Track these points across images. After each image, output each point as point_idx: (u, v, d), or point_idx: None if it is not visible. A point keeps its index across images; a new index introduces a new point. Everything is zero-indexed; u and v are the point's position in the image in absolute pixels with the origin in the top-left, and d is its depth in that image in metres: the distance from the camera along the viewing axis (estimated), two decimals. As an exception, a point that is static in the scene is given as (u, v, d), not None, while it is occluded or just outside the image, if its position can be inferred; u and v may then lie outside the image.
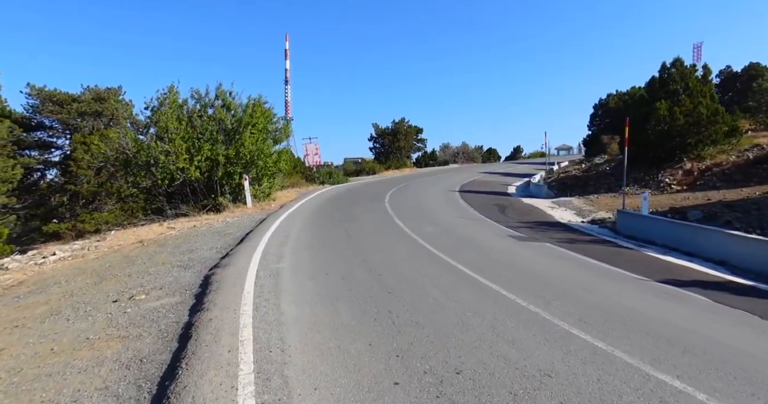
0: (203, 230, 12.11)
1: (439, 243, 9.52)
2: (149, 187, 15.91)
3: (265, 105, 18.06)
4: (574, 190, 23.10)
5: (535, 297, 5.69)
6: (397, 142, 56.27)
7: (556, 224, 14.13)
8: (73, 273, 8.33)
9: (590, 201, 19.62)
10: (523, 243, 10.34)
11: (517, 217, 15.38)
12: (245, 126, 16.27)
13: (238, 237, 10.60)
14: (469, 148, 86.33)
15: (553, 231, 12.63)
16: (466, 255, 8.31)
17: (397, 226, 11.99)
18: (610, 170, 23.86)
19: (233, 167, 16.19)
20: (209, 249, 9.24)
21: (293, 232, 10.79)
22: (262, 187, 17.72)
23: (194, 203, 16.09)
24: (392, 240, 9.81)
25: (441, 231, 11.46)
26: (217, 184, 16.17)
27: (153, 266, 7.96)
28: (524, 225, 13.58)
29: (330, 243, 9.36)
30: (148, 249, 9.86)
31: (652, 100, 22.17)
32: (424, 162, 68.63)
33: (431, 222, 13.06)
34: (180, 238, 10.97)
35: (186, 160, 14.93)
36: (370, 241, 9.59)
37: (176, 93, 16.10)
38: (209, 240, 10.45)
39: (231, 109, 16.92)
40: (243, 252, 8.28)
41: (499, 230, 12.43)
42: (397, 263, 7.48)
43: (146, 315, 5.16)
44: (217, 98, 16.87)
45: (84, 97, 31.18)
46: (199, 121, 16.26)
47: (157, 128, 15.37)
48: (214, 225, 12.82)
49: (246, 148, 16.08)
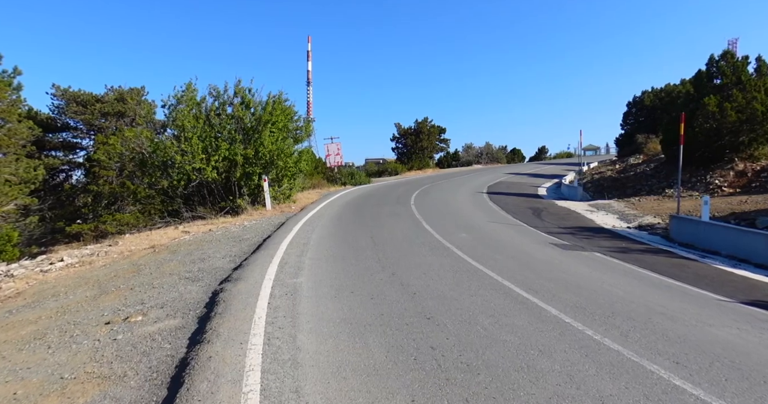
0: (219, 235, 11.34)
1: (475, 252, 8.48)
2: (166, 188, 15.31)
3: (286, 102, 17.29)
4: (611, 192, 21.66)
5: (607, 327, 4.62)
6: (420, 142, 55.14)
7: (599, 230, 12.90)
8: (75, 283, 7.61)
9: (632, 204, 18.22)
10: (570, 253, 9.20)
11: (555, 222, 14.18)
12: (264, 124, 15.50)
13: (255, 243, 9.76)
14: (493, 149, 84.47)
15: (599, 238, 11.43)
16: (508, 268, 7.26)
17: (426, 232, 10.98)
18: (650, 171, 22.31)
19: (252, 167, 15.45)
20: (222, 257, 8.41)
21: (313, 239, 9.90)
22: (282, 188, 16.94)
23: (212, 205, 15.41)
24: (423, 249, 8.81)
25: (475, 238, 10.41)
26: (235, 186, 15.45)
27: (159, 277, 7.16)
28: (565, 231, 12.40)
29: (354, 252, 8.42)
30: (159, 257, 9.11)
31: (699, 96, 20.57)
32: (446, 162, 67.29)
33: (463, 228, 12.00)
34: (193, 244, 10.20)
35: (203, 160, 14.24)
36: (398, 250, 8.61)
37: (194, 90, 15.46)
38: (224, 246, 9.64)
39: (250, 106, 16.19)
40: (258, 262, 7.40)
41: (539, 237, 11.29)
42: (432, 278, 6.48)
43: (138, 344, 4.30)
44: (236, 95, 16.16)
45: (107, 97, 31.18)
46: (217, 119, 15.58)
47: (173, 127, 14.74)
48: (231, 230, 12.04)
49: (265, 147, 15.31)
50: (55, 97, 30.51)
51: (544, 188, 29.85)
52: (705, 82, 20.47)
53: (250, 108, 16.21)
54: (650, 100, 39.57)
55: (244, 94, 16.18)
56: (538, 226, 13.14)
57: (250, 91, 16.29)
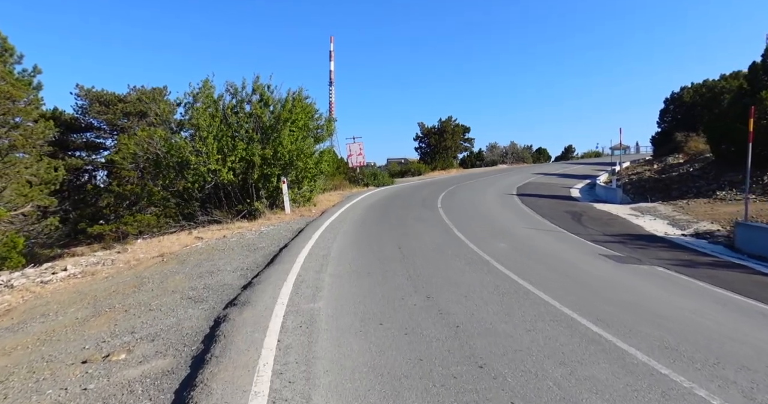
0: (233, 242, 10.48)
1: (519, 267, 7.35)
2: (181, 190, 14.60)
3: (306, 100, 16.40)
4: (654, 194, 20.08)
5: (720, 383, 3.48)
6: (444, 141, 53.80)
7: (651, 238, 11.56)
8: (70, 299, 6.81)
9: (680, 208, 16.68)
10: (627, 268, 7.98)
11: (598, 228, 12.88)
12: (284, 123, 14.62)
13: (270, 253, 8.84)
14: (518, 148, 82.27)
15: (654, 248, 10.12)
16: (563, 288, 6.12)
17: (459, 241, 9.88)
18: (697, 171, 20.61)
19: (270, 169, 14.60)
20: (233, 270, 7.51)
21: (335, 249, 8.92)
22: (302, 190, 16.05)
23: (228, 209, 14.62)
24: (459, 262, 7.72)
25: (514, 247, 9.26)
26: (253, 188, 14.63)
27: (160, 295, 6.29)
28: (612, 239, 11.12)
29: (380, 266, 7.39)
30: (166, 268, 8.28)
31: (754, 90, 18.83)
32: (469, 162, 65.65)
33: (499, 235, 10.86)
34: (204, 253, 9.35)
35: (218, 161, 13.45)
36: (430, 264, 7.55)
37: (211, 87, 14.71)
38: (236, 256, 8.76)
39: (269, 104, 15.35)
40: (271, 279, 6.45)
41: (585, 246, 10.07)
42: (476, 303, 5.40)
43: (111, 398, 3.37)
44: (255, 92, 15.35)
45: (130, 97, 31.02)
46: (234, 117, 14.78)
47: (188, 126, 14.02)
48: (246, 236, 11.18)
49: (285, 147, 14.43)
50: (79, 97, 30.50)
51: (577, 189, 28.31)
52: (761, 75, 18.72)
53: (269, 105, 15.38)
54: (690, 97, 37.34)
55: (263, 91, 15.36)
56: (581, 233, 11.89)
57: (269, 88, 15.47)
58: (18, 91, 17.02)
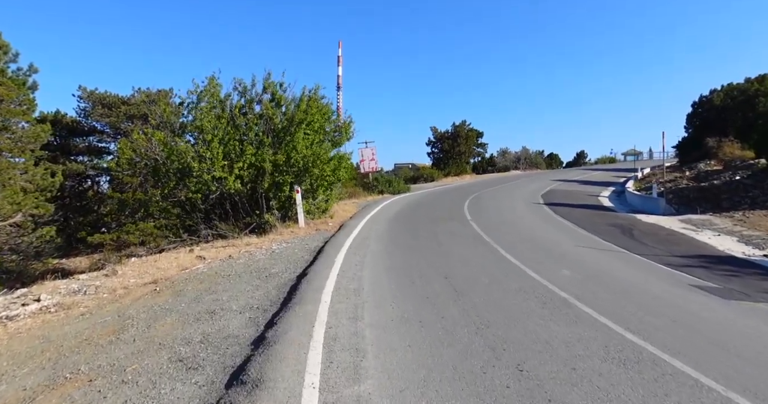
0: (240, 265, 8.85)
1: (612, 310, 5.63)
2: (183, 200, 13.03)
3: (322, 100, 14.82)
4: (701, 204, 18.24)
5: None
6: (458, 146, 52.13)
7: (732, 260, 9.79)
8: (28, 351, 5.19)
9: (740, 221, 14.86)
10: (739, 307, 6.24)
11: (662, 247, 11.11)
12: (298, 125, 13.03)
13: (286, 283, 7.19)
14: (530, 153, 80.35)
15: (748, 275, 8.36)
16: (693, 347, 4.40)
17: (512, 266, 8.18)
18: (748, 180, 18.75)
19: (282, 176, 12.99)
20: (240, 310, 5.86)
21: (366, 281, 7.23)
22: (317, 200, 14.41)
23: (234, 221, 13.02)
24: (531, 303, 6.02)
25: (584, 277, 7.53)
26: (263, 198, 13.01)
27: (142, 353, 4.66)
28: (688, 262, 9.37)
29: (433, 311, 5.67)
30: (157, 302, 6.65)
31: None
32: (482, 168, 63.86)
33: (553, 257, 9.15)
34: (206, 281, 7.72)
35: (224, 168, 11.86)
36: (496, 308, 5.84)
37: (217, 85, 13.15)
38: (244, 287, 7.12)
39: (281, 104, 13.78)
40: (291, 333, 4.77)
41: (663, 272, 8.34)
42: (597, 385, 3.71)
43: None
44: (265, 91, 13.78)
45: (134, 99, 29.67)
46: (242, 119, 13.22)
47: (190, 128, 12.48)
48: (256, 257, 9.55)
49: (299, 152, 12.83)
50: (81, 99, 29.23)
51: (606, 198, 26.52)
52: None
53: (281, 106, 13.81)
54: (720, 100, 35.37)
55: (275, 90, 13.79)
56: (645, 254, 10.15)
57: (281, 86, 13.90)
58: (7, 90, 15.61)
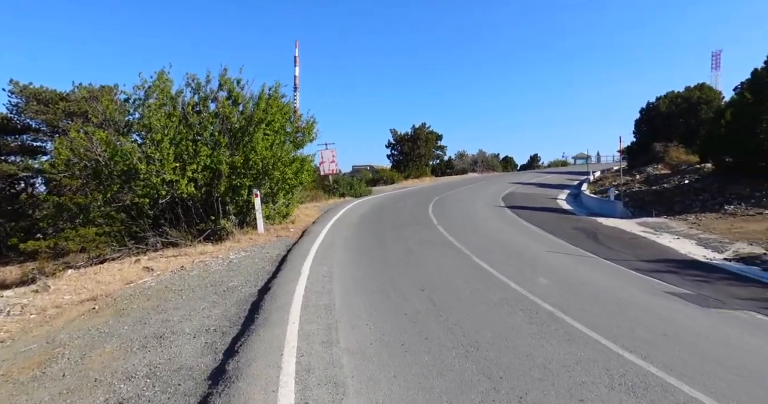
0: (194, 277, 8.00)
1: (603, 325, 5.32)
2: (129, 205, 11.90)
3: (283, 99, 14.04)
4: (655, 207, 18.79)
5: None
6: (417, 148, 52.17)
7: (698, 265, 9.87)
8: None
9: (694, 224, 15.33)
10: (718, 315, 6.14)
11: (627, 251, 11.15)
12: (257, 124, 12.21)
13: (247, 299, 6.48)
14: (487, 156, 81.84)
15: (717, 280, 8.38)
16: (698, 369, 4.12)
17: (489, 276, 7.82)
18: (698, 184, 19.53)
19: (240, 179, 12.13)
20: (194, 334, 5.12)
21: (337, 295, 6.62)
22: (277, 204, 13.60)
23: (187, 228, 12.03)
24: (516, 317, 5.63)
25: (562, 286, 7.26)
26: (219, 202, 12.09)
27: (71, 392, 3.87)
28: (656, 267, 9.37)
29: (416, 331, 5.09)
30: (95, 324, 5.77)
31: (758, 100, 17.91)
32: (440, 170, 64.28)
33: (527, 264, 8.89)
34: (154, 298, 6.86)
35: (175, 171, 10.89)
36: (482, 325, 5.39)
37: (167, 81, 12.11)
38: (199, 304, 6.33)
39: (239, 102, 12.90)
40: (257, 365, 4.10)
41: (636, 279, 8.23)
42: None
43: None
44: (221, 88, 12.86)
45: (74, 95, 27.52)
46: (196, 117, 12.24)
47: (137, 127, 11.40)
48: (211, 268, 8.71)
49: (258, 153, 12.02)
50: (13, 94, 26.76)
51: (564, 201, 27.04)
52: (766, 83, 17.81)
53: (238, 104, 12.94)
54: (666, 106, 37.17)
55: (232, 87, 12.89)
56: (614, 258, 10.11)
57: (238, 83, 13.01)
58: None
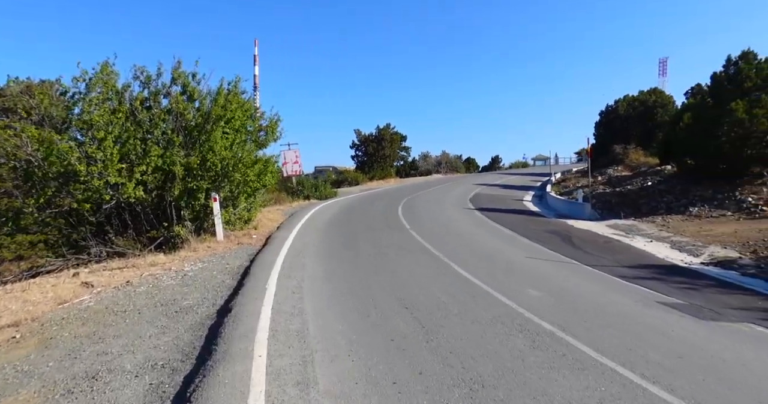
0: (141, 294, 6.97)
1: (602, 341, 4.80)
2: (68, 211, 10.56)
3: (243, 95, 13.03)
4: (622, 208, 18.92)
5: None
6: (382, 149, 51.57)
7: (679, 270, 9.65)
8: None
9: (663, 226, 15.40)
10: (718, 329, 5.76)
11: (606, 256, 10.88)
12: (215, 122, 11.17)
13: (203, 322, 5.56)
14: (450, 157, 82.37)
15: (703, 288, 8.11)
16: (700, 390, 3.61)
17: (474, 287, 7.21)
18: (662, 186, 19.83)
19: (197, 182, 11.05)
20: (137, 372, 4.20)
21: (309, 314, 5.81)
22: (238, 209, 12.55)
23: (136, 235, 10.83)
24: (517, 339, 5.02)
25: (553, 297, 6.74)
26: (172, 207, 10.95)
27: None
28: (638, 273, 9.08)
29: (405, 362, 4.35)
30: (10, 360, 4.73)
31: (717, 102, 18.34)
32: (404, 171, 63.97)
33: (510, 272, 8.36)
34: (91, 321, 5.82)
35: (122, 173, 9.72)
36: (480, 353, 4.75)
37: (112, 73, 10.86)
38: (145, 330, 5.37)
39: (195, 97, 11.79)
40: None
41: (622, 287, 7.85)
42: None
43: None
44: (175, 82, 11.69)
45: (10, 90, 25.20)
46: (145, 114, 11.05)
47: (77, 124, 10.11)
48: (163, 282, 7.68)
49: (216, 153, 10.98)
50: (-63, 88, 24.23)
51: (530, 202, 27.11)
52: (725, 87, 18.26)
53: (194, 100, 11.82)
54: (624, 109, 38.22)
55: (186, 81, 11.76)
56: (595, 264, 9.76)
57: (194, 77, 11.89)
58: None
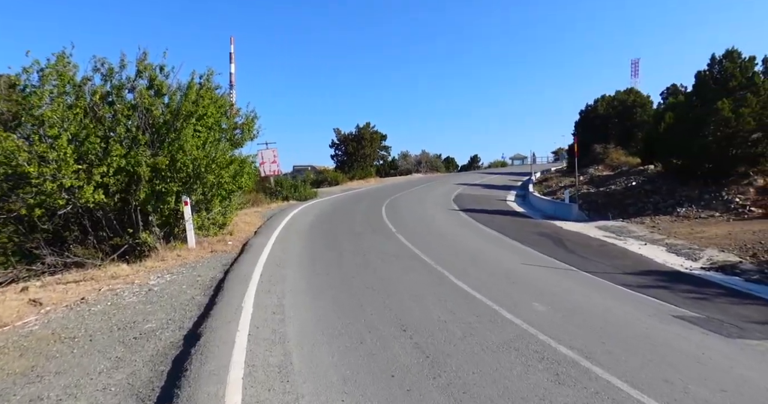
0: (96, 314, 6.04)
1: (633, 372, 4.17)
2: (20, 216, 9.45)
3: (217, 90, 12.08)
4: (609, 209, 18.62)
5: None
6: (362, 149, 50.77)
7: (681, 276, 9.20)
8: None
9: (653, 228, 15.09)
10: (749, 350, 5.19)
11: (603, 261, 10.38)
12: (186, 118, 10.22)
13: (166, 350, 4.70)
14: (430, 157, 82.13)
15: (714, 297, 7.62)
16: None
17: (475, 302, 6.53)
18: (648, 186, 19.62)
19: (166, 184, 10.08)
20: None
21: (293, 342, 5.00)
22: (212, 213, 11.59)
23: (97, 243, 9.81)
24: (535, 370, 4.35)
25: (560, 312, 6.11)
26: (137, 212, 9.96)
27: None
28: (640, 280, 8.58)
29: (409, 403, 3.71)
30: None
31: (702, 101, 18.21)
32: (384, 171, 63.33)
33: (507, 280, 7.71)
34: (31, 351, 4.90)
35: (78, 174, 8.70)
36: (491, 387, 4.07)
37: (69, 64, 9.77)
38: (95, 363, 4.49)
39: (163, 92, 10.79)
40: None
41: (629, 298, 7.29)
42: None
43: None
44: (140, 76, 10.67)
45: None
46: (107, 110, 10.03)
47: (26, 119, 9.01)
48: (123, 298, 6.75)
49: (187, 153, 10.03)
50: None
51: (514, 202, 26.76)
52: (710, 86, 18.14)
53: (162, 94, 10.81)
54: (604, 109, 38.34)
55: (153, 74, 10.74)
56: (594, 271, 9.23)
57: (162, 70, 10.88)
58: None
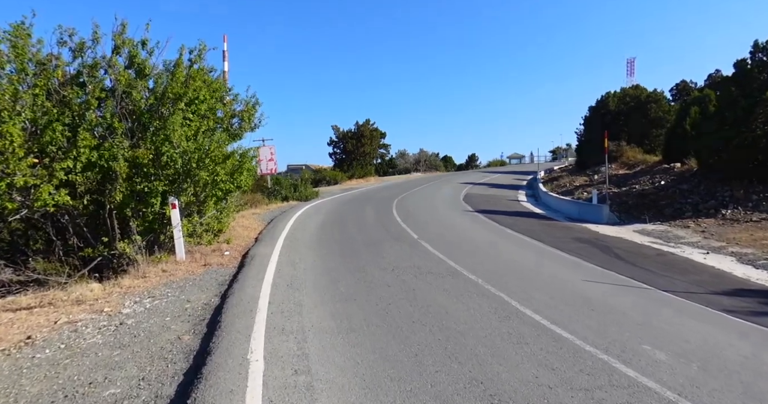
0: (39, 365, 4.21)
1: None
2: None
3: (211, 73, 10.24)
4: (642, 211, 16.99)
5: None
6: (362, 146, 48.93)
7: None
8: None
9: (699, 232, 13.43)
10: None
11: (675, 276, 8.65)
12: (173, 103, 8.37)
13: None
14: (428, 155, 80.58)
15: None
16: None
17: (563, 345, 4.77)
18: (684, 185, 17.99)
19: (149, 183, 8.24)
20: None
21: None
22: (205, 217, 9.73)
23: (63, 256, 7.94)
24: None
25: (692, 365, 4.37)
26: (114, 217, 8.10)
27: None
28: (741, 304, 6.86)
29: None
30: None
31: (743, 93, 16.59)
32: (383, 170, 61.68)
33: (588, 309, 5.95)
34: None
35: (35, 170, 6.84)
36: None
37: (28, 36, 7.88)
38: None
39: (146, 73, 8.93)
40: None
41: (759, 333, 5.54)
42: None
43: None
44: (117, 52, 8.80)
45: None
46: (76, 92, 8.13)
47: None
48: (84, 340, 4.92)
49: (175, 145, 8.20)
50: None
51: (527, 203, 25.10)
52: (754, 75, 16.51)
53: (145, 75, 8.94)
54: (615, 105, 36.77)
55: (134, 51, 8.87)
56: (672, 290, 7.54)
57: (144, 46, 9.00)
58: None
